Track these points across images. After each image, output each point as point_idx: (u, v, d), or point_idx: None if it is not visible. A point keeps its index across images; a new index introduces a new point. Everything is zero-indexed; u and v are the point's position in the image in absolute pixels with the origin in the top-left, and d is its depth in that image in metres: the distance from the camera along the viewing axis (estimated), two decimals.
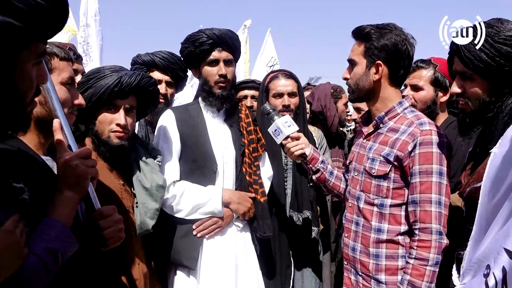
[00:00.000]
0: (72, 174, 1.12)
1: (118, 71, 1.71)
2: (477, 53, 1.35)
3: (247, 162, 2.16)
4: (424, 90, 2.26)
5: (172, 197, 2.02)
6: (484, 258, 1.20)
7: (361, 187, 1.78)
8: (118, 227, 1.28)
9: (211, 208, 2.05)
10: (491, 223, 1.22)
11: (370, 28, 1.71)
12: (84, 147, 1.20)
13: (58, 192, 1.10)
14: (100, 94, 1.65)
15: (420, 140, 1.62)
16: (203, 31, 2.09)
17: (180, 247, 2.04)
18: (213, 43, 2.07)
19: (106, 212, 1.26)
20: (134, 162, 1.81)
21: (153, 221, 1.77)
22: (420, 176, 1.62)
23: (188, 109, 2.19)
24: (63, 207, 1.09)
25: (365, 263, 1.74)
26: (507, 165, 1.19)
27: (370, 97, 1.78)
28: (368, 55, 1.71)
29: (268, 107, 2.06)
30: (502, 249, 1.11)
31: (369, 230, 1.73)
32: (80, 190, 1.14)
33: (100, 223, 1.24)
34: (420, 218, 1.61)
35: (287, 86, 2.43)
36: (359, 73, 1.75)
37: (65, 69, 1.27)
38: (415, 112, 1.75)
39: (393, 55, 1.69)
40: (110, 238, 1.25)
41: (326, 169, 2.03)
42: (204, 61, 2.12)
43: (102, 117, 1.70)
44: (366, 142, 1.82)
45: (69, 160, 1.12)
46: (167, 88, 2.50)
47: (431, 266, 1.57)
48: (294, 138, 1.99)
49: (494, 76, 1.37)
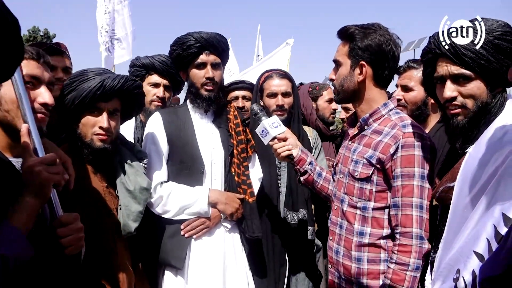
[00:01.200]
0: (34, 180, 1.12)
1: (101, 74, 1.72)
2: (479, 51, 1.30)
3: (236, 162, 2.17)
4: (414, 90, 2.22)
5: (159, 198, 2.04)
6: (454, 262, 1.18)
7: (345, 190, 1.76)
8: (77, 236, 1.25)
9: (197, 209, 2.06)
10: (463, 225, 1.19)
11: (355, 28, 1.69)
12: (49, 153, 1.19)
13: (20, 197, 1.11)
14: (82, 97, 1.66)
15: (402, 143, 1.59)
16: (191, 34, 2.11)
17: (168, 247, 2.06)
18: (201, 46, 2.09)
19: (65, 220, 1.23)
20: (118, 164, 1.82)
21: (136, 224, 1.78)
22: (402, 179, 1.59)
23: (176, 111, 2.22)
24: (21, 213, 1.09)
25: (347, 267, 1.72)
26: (481, 165, 1.16)
27: (355, 98, 1.76)
28: (352, 56, 1.69)
29: (256, 108, 2.06)
30: (472, 252, 1.09)
31: (352, 233, 1.71)
32: (42, 197, 1.14)
33: (58, 231, 1.21)
34: (401, 222, 1.58)
35: (281, 86, 2.43)
36: (343, 74, 1.73)
37: (24, 68, 1.26)
38: (399, 114, 1.72)
39: (377, 55, 1.66)
40: (68, 246, 1.22)
41: (314, 171, 2.02)
42: (192, 63, 2.14)
43: (85, 120, 1.72)
44: (351, 144, 1.80)
45: (32, 166, 1.12)
46: (165, 92, 2.53)
47: (412, 271, 1.54)
48: (281, 139, 1.99)
49: (492, 75, 1.32)
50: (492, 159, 1.17)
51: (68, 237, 1.23)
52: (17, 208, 1.10)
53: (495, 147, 1.19)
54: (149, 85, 2.50)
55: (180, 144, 2.10)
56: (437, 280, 1.32)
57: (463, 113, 1.37)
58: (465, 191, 1.23)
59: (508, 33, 1.30)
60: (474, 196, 1.19)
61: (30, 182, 1.12)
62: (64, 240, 1.21)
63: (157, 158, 2.09)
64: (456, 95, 1.37)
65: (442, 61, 1.40)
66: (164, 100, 2.53)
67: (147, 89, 2.45)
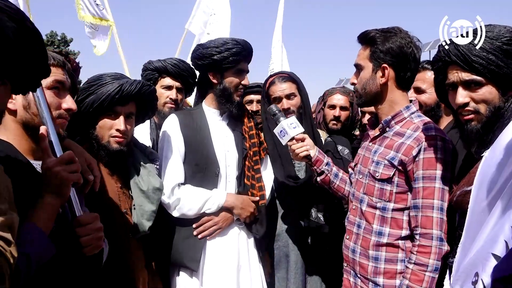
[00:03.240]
0: (53, 179, 1.14)
1: (118, 78, 1.78)
2: (488, 57, 1.32)
3: (247, 165, 2.20)
4: (427, 92, 2.24)
5: (177, 200, 2.06)
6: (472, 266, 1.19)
7: (365, 190, 1.78)
8: (96, 236, 1.25)
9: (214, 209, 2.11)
10: (480, 228, 1.20)
11: (375, 32, 1.72)
12: (67, 152, 1.20)
13: (40, 197, 1.13)
14: (101, 100, 1.71)
15: (425, 145, 1.62)
16: (235, 40, 2.16)
17: (182, 248, 2.08)
18: (245, 55, 2.16)
19: (84, 220, 1.23)
20: (132, 165, 1.88)
21: (149, 223, 1.82)
22: (424, 181, 1.61)
23: (191, 113, 2.24)
24: (42, 212, 1.11)
25: (364, 265, 1.74)
26: (497, 169, 1.17)
27: (377, 100, 1.78)
28: (374, 59, 1.72)
29: (274, 108, 2.09)
30: (490, 255, 1.09)
31: (370, 233, 1.73)
32: (62, 196, 1.16)
33: (77, 230, 1.22)
34: (421, 223, 1.60)
35: (284, 89, 2.44)
36: (365, 77, 1.75)
37: (52, 74, 1.28)
38: (422, 117, 1.74)
39: (399, 57, 1.69)
40: (86, 246, 1.23)
41: (331, 171, 2.04)
42: (231, 69, 2.16)
43: (102, 123, 1.77)
44: (372, 145, 1.82)
45: (51, 166, 1.14)
46: (178, 94, 2.57)
47: (430, 272, 1.56)
48: (299, 139, 2.01)
49: (502, 79, 1.34)
50: (508, 162, 1.18)
51: (86, 237, 1.22)
52: (38, 208, 1.11)
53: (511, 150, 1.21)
54: (162, 87, 2.54)
55: (196, 146, 2.13)
56: (455, 284, 1.32)
57: (477, 118, 1.40)
58: (482, 195, 1.24)
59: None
60: (491, 200, 1.20)
61: (49, 182, 1.14)
62: (82, 240, 1.22)
63: (174, 159, 2.11)
64: (468, 101, 1.39)
65: (453, 68, 1.42)
66: (177, 102, 2.57)
67: (160, 92, 2.49)
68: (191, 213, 2.09)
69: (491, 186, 1.18)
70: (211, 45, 2.15)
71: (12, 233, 0.91)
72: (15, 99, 1.24)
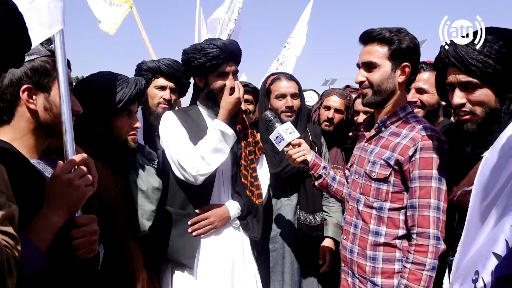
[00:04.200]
0: (73, 194, 1.13)
1: (126, 78, 1.81)
2: (485, 60, 1.34)
3: (243, 164, 2.19)
4: (429, 93, 2.27)
5: (199, 159, 1.99)
6: (473, 264, 1.20)
7: (361, 190, 1.79)
8: (90, 239, 1.21)
9: (227, 138, 2.06)
10: (480, 228, 1.22)
11: (388, 31, 1.71)
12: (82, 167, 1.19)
13: (45, 213, 1.09)
14: (124, 101, 1.74)
15: (421, 145, 1.63)
16: (214, 43, 2.09)
17: (178, 246, 2.06)
18: (225, 57, 2.09)
19: (80, 222, 1.20)
20: (131, 165, 1.89)
21: (149, 223, 1.83)
22: (420, 181, 1.62)
23: (187, 113, 2.22)
24: (44, 232, 1.07)
25: (362, 266, 1.75)
26: (497, 170, 1.19)
27: (388, 100, 1.75)
28: (394, 57, 1.70)
29: (269, 115, 2.09)
30: (490, 254, 1.11)
31: (367, 233, 1.74)
32: (72, 212, 1.15)
33: (72, 232, 1.18)
34: (418, 222, 1.61)
35: (290, 87, 2.44)
36: (383, 76, 1.72)
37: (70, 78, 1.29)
38: (417, 118, 1.76)
39: (416, 57, 1.73)
40: (80, 249, 1.19)
41: (328, 175, 2.05)
42: (214, 72, 2.11)
43: (120, 123, 1.78)
44: (368, 146, 1.83)
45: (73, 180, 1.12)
46: (171, 94, 2.54)
47: (428, 270, 1.58)
48: (295, 144, 2.01)
49: (499, 82, 1.36)
50: (508, 163, 1.20)
51: (80, 239, 1.19)
52: (40, 226, 1.07)
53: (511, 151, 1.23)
54: (155, 88, 2.51)
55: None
56: (455, 282, 1.34)
57: (472, 119, 1.42)
58: (482, 195, 1.26)
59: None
60: (491, 200, 1.21)
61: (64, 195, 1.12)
62: (76, 242, 1.18)
63: (182, 137, 2.08)
64: (464, 102, 1.42)
65: (451, 70, 1.45)
66: (170, 103, 2.53)
67: (154, 92, 2.47)
68: (216, 159, 2.02)
69: (491, 186, 1.20)
70: (190, 51, 2.12)
71: (13, 226, 0.88)
72: (35, 100, 1.22)
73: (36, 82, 1.21)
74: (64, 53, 1.24)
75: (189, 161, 1.98)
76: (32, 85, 1.20)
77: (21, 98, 1.20)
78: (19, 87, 1.19)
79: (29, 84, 1.20)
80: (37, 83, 1.21)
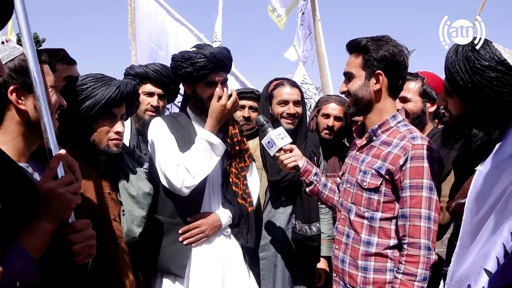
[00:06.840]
0: (56, 203, 1.10)
1: (111, 80, 1.73)
2: (454, 76, 1.33)
3: (234, 172, 2.17)
4: (412, 101, 2.31)
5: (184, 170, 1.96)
6: (466, 278, 1.21)
7: (353, 200, 1.78)
8: (89, 243, 1.20)
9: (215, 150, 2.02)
10: (474, 240, 1.22)
11: (367, 40, 1.73)
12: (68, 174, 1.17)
13: (36, 221, 1.08)
14: (101, 104, 1.66)
15: (411, 154, 1.62)
16: (201, 53, 2.03)
17: (168, 254, 2.03)
18: (213, 67, 2.04)
19: (78, 227, 1.18)
20: (120, 170, 1.82)
21: (140, 229, 1.77)
22: (411, 191, 1.62)
23: (176, 118, 2.18)
24: (36, 239, 1.06)
25: (353, 276, 1.73)
26: (490, 183, 1.19)
27: (369, 108, 1.77)
28: (367, 66, 1.72)
29: (262, 119, 2.07)
30: (482, 270, 1.11)
31: (359, 243, 1.73)
32: (61, 220, 1.13)
33: (70, 237, 1.16)
34: (409, 232, 1.61)
35: (293, 94, 2.42)
36: (358, 85, 1.75)
37: (49, 72, 1.28)
38: (408, 126, 1.75)
39: (392, 65, 1.71)
40: (79, 254, 1.18)
41: (320, 182, 2.03)
42: (202, 81, 2.07)
43: (100, 127, 1.70)
44: (359, 155, 1.82)
45: (53, 188, 1.10)
46: (159, 101, 2.51)
47: (419, 281, 1.57)
48: (287, 150, 2.00)
49: (468, 98, 1.35)
50: (501, 178, 1.20)
51: (80, 244, 1.17)
52: (32, 234, 1.06)
53: (505, 166, 1.22)
54: (143, 94, 2.48)
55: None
56: None
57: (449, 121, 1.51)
58: (476, 209, 1.27)
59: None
60: (484, 214, 1.22)
61: (51, 205, 1.10)
62: (75, 247, 1.16)
63: (170, 145, 2.04)
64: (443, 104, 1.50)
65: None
66: (158, 109, 2.51)
67: (141, 98, 2.42)
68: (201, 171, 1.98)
69: (484, 200, 1.20)
70: (178, 58, 2.08)
71: None
72: (24, 100, 1.20)
73: (22, 82, 1.19)
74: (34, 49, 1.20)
75: (174, 173, 1.95)
76: (18, 86, 1.19)
77: (9, 101, 1.18)
78: (6, 90, 1.18)
79: (16, 85, 1.18)
80: (23, 83, 1.19)
